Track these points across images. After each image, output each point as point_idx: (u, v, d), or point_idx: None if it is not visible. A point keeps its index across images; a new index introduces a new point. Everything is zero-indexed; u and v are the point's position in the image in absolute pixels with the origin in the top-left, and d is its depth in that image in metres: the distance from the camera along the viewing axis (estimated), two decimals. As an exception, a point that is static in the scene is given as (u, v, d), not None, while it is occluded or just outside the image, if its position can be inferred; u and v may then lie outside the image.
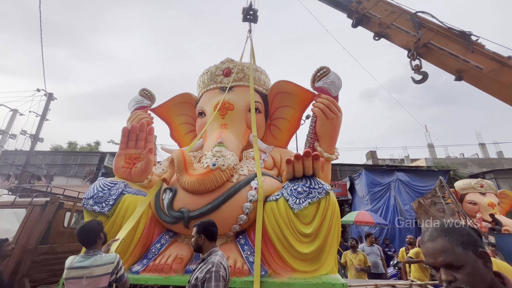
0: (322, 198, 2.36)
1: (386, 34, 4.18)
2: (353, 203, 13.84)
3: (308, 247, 2.32)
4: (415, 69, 3.99)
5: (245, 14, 5.55)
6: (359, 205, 13.34)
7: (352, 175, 13.99)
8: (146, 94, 4.19)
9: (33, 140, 13.63)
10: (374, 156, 19.53)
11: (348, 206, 14.33)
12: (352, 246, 5.01)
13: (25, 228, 2.75)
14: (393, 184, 12.63)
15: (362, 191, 13.27)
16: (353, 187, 13.92)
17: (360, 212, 10.42)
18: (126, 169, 2.93)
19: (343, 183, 14.54)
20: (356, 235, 12.84)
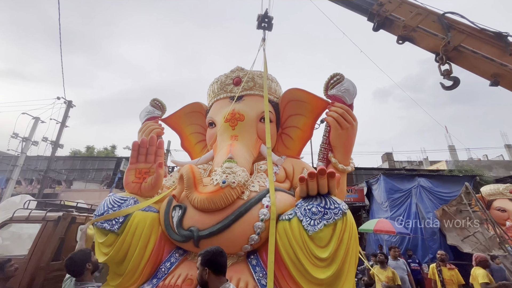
0: (339, 219, 2.22)
1: (411, 37, 3.95)
2: (370, 210, 13.37)
3: (324, 272, 2.18)
4: (445, 75, 3.74)
5: (260, 21, 5.48)
6: (378, 212, 12.85)
7: (370, 180, 13.53)
8: (157, 104, 4.21)
9: (54, 147, 14.23)
10: (390, 158, 18.85)
11: (366, 212, 13.87)
12: (380, 261, 4.69)
13: (38, 244, 2.80)
14: (414, 190, 12.10)
15: (380, 197, 12.79)
16: (371, 192, 13.45)
17: (380, 220, 9.99)
18: (136, 184, 2.91)
19: (360, 188, 14.09)
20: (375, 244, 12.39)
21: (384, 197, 12.41)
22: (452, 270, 4.75)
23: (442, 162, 17.42)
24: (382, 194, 12.56)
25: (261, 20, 5.53)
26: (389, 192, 12.15)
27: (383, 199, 12.54)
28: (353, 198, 13.93)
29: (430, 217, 10.91)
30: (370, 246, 12.82)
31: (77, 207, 3.69)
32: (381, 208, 12.71)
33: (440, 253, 5.00)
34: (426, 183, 11.92)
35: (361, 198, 13.85)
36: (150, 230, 2.62)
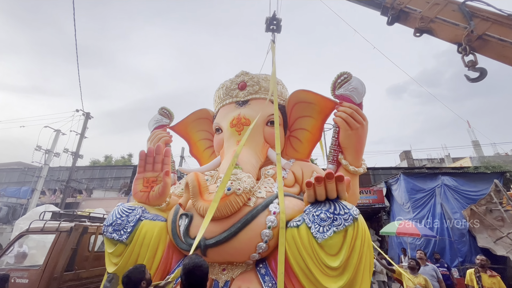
0: (349, 225, 2.11)
1: (429, 29, 3.77)
2: (391, 211, 12.87)
3: (336, 282, 2.08)
4: (470, 66, 3.53)
5: (268, 24, 5.47)
6: (399, 213, 12.35)
7: (389, 180, 13.05)
8: (165, 112, 4.27)
9: (74, 157, 14.88)
10: (409, 156, 18.03)
11: (386, 214, 13.36)
12: (411, 267, 4.45)
13: (52, 255, 2.89)
14: (438, 190, 11.56)
15: (401, 198, 12.31)
16: (391, 193, 12.96)
17: (403, 222, 9.57)
18: (144, 193, 2.95)
19: (379, 189, 13.62)
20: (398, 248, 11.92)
21: (405, 197, 11.94)
22: (493, 277, 4.39)
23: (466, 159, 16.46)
24: (403, 195, 12.09)
25: (269, 22, 5.51)
26: (411, 192, 11.68)
27: (404, 200, 12.07)
28: (371, 199, 13.49)
29: (457, 217, 10.37)
30: (392, 250, 12.33)
31: (90, 217, 3.80)
32: (402, 209, 12.23)
33: (480, 258, 4.64)
34: (450, 182, 11.35)
35: (380, 199, 13.37)
36: (158, 240, 2.63)
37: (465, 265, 9.56)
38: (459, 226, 10.35)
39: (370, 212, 14.09)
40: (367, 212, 14.19)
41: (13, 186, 17.79)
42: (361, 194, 13.85)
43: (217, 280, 2.53)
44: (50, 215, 3.56)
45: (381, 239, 13.49)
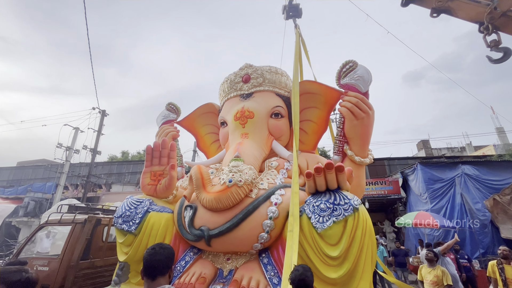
0: (349, 215, 2.11)
1: (448, 8, 3.56)
2: (408, 202, 12.57)
3: (337, 271, 2.10)
4: (492, 46, 3.33)
5: (288, 11, 5.38)
6: (416, 204, 12.05)
7: (405, 171, 12.69)
8: (172, 108, 4.37)
9: (93, 154, 15.53)
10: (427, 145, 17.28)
11: (402, 205, 13.06)
12: (429, 259, 4.34)
13: (68, 245, 3.10)
14: (458, 179, 11.13)
15: (418, 188, 11.97)
16: (407, 183, 12.62)
17: (420, 212, 9.35)
18: (151, 186, 3.07)
19: (394, 180, 13.29)
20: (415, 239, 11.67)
21: (423, 188, 11.61)
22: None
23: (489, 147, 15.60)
24: (420, 185, 11.76)
25: (288, 10, 5.40)
26: (428, 183, 11.33)
27: (421, 190, 11.74)
28: (387, 190, 13.20)
29: (479, 207, 9.99)
30: (409, 241, 12.11)
31: (103, 209, 4.02)
32: (419, 200, 11.91)
33: (502, 249, 4.46)
34: (471, 171, 10.89)
35: (396, 190, 13.07)
36: (165, 230, 2.75)
37: (486, 256, 9.24)
38: (481, 216, 9.97)
39: (386, 203, 13.82)
40: (382, 203, 13.93)
41: (39, 182, 18.93)
42: (376, 185, 13.59)
43: (222, 269, 2.63)
44: (67, 208, 3.81)
45: (397, 230, 13.25)
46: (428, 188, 11.20)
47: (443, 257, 4.81)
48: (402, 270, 8.27)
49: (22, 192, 16.91)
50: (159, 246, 1.50)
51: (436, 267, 4.18)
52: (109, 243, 3.58)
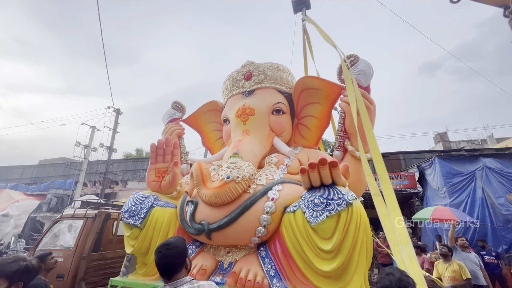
0: (343, 210, 2.16)
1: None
2: (425, 196, 12.26)
3: (329, 265, 2.16)
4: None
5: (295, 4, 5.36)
6: (434, 199, 11.74)
7: (422, 164, 12.34)
8: (177, 106, 4.52)
9: (109, 151, 16.18)
10: (444, 138, 16.54)
11: (419, 199, 12.73)
12: (443, 255, 4.27)
13: (81, 238, 3.35)
14: (479, 173, 10.74)
15: (436, 182, 11.64)
16: (424, 177, 12.28)
17: (438, 207, 9.11)
18: (156, 183, 3.23)
19: (410, 174, 12.97)
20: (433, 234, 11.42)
21: (441, 182, 11.29)
22: None
23: (512, 139, 14.77)
24: (438, 179, 11.44)
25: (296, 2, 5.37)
26: (447, 177, 10.99)
27: (439, 185, 11.42)
28: (402, 185, 12.91)
29: (502, 202, 9.61)
30: (426, 237, 11.85)
31: (113, 205, 4.27)
32: (437, 194, 11.60)
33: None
34: (494, 164, 10.46)
35: (412, 185, 12.75)
36: (168, 224, 2.90)
37: (510, 252, 8.92)
38: (504, 211, 9.59)
39: (401, 198, 13.53)
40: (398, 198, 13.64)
41: (60, 179, 20.03)
42: (391, 179, 13.30)
43: (222, 261, 2.76)
44: (80, 204, 4.10)
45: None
46: (446, 182, 10.87)
47: (463, 251, 4.65)
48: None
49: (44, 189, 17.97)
50: (165, 247, 1.50)
51: (452, 262, 4.07)
52: (119, 236, 3.81)
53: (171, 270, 1.44)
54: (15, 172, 23.78)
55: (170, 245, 1.51)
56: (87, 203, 4.08)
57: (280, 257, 2.50)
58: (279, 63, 4.04)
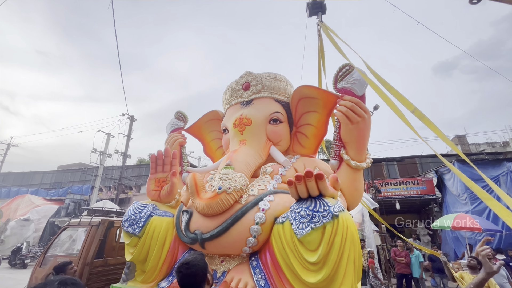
0: (328, 222, 2.21)
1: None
2: (444, 203, 11.83)
3: (315, 276, 2.21)
4: None
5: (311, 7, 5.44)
6: (454, 205, 11.32)
7: (440, 169, 11.94)
8: (180, 116, 4.72)
9: (124, 157, 16.80)
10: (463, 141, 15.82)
11: (438, 205, 12.29)
12: (471, 267, 4.00)
13: (85, 245, 3.59)
14: (503, 178, 10.33)
15: (456, 188, 11.25)
16: (442, 183, 11.86)
17: (459, 215, 8.82)
18: (156, 192, 3.41)
19: (428, 179, 12.57)
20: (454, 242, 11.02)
21: (461, 188, 10.91)
22: None
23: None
24: (458, 185, 11.06)
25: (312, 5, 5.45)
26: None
27: (460, 191, 11.03)
28: (420, 190, 12.53)
29: (529, 209, 9.12)
30: (447, 245, 11.43)
31: (117, 212, 4.50)
32: (458, 200, 11.19)
33: None
34: (519, 168, 9.97)
35: (430, 190, 12.35)
36: (165, 233, 3.05)
37: (539, 265, 8.41)
38: (531, 219, 9.09)
39: (418, 204, 13.11)
40: (415, 204, 13.24)
41: (77, 184, 21.05)
42: (407, 184, 12.94)
43: (216, 270, 2.86)
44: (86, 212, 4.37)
45: (432, 233, 12.51)
46: (467, 188, 10.42)
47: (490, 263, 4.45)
48: (441, 277, 7.85)
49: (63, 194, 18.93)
50: (185, 267, 1.51)
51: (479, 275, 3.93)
52: (121, 243, 4.02)
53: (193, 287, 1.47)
54: (35, 177, 25.23)
55: (190, 263, 1.53)
56: (93, 211, 4.35)
57: (270, 267, 2.57)
58: (277, 73, 4.14)
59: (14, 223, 14.30)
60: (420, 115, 2.78)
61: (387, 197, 12.73)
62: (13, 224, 14.17)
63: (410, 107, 2.87)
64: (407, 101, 2.92)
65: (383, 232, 10.69)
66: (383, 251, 10.00)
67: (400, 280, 7.71)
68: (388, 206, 12.24)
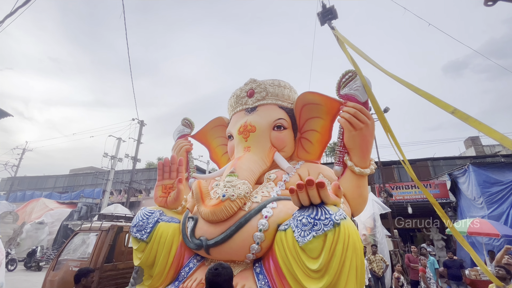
0: (329, 230, 2.25)
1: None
2: (458, 207, 11.54)
3: (317, 284, 2.25)
4: None
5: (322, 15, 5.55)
6: (469, 210, 11.04)
7: (454, 172, 11.66)
8: (187, 123, 4.86)
9: (134, 161, 17.17)
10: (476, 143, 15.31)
11: (452, 210, 11.99)
12: (501, 277, 3.85)
13: (96, 249, 3.75)
14: (521, 181, 9.98)
15: (472, 192, 10.97)
16: (457, 186, 11.58)
17: (475, 220, 8.63)
18: (163, 198, 3.53)
19: (441, 182, 12.30)
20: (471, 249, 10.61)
21: (477, 191, 10.64)
22: None
23: None
24: (473, 188, 10.78)
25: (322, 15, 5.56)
26: (484, 186, 10.34)
27: (475, 194, 10.76)
28: (433, 194, 12.24)
29: (550, 214, 8.83)
30: (462, 251, 11.14)
31: (126, 217, 4.66)
32: (473, 205, 10.91)
33: None
34: (537, 171, 9.67)
35: (444, 194, 12.07)
36: (172, 239, 3.16)
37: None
38: (551, 224, 8.81)
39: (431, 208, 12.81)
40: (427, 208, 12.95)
41: (88, 187, 21.66)
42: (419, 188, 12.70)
43: (221, 276, 2.93)
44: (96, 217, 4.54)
45: (446, 238, 12.20)
46: (483, 192, 10.22)
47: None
48: (458, 284, 7.63)
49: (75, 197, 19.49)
50: (221, 266, 1.64)
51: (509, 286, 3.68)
52: (130, 248, 4.15)
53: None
54: (49, 181, 26.11)
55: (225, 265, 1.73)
56: (103, 216, 4.53)
57: (273, 274, 2.63)
58: (281, 79, 4.22)
59: (29, 226, 14.85)
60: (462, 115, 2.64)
61: (398, 201, 12.52)
62: (28, 227, 14.71)
63: (449, 109, 2.78)
64: (445, 103, 2.83)
65: (396, 237, 10.51)
66: (395, 256, 9.82)
67: (414, 287, 7.57)
68: (400, 210, 12.03)
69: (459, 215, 11.37)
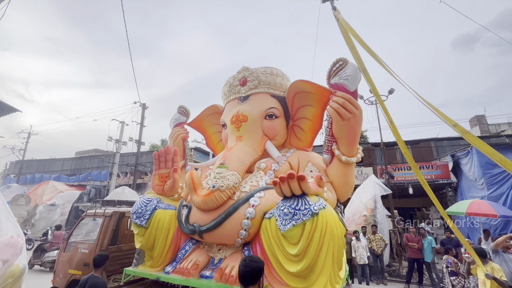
0: (308, 220, 2.46)
1: None
2: (459, 187, 11.71)
3: (296, 266, 2.52)
4: None
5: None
6: (469, 190, 11.22)
7: (457, 154, 11.70)
8: (183, 111, 5.01)
9: (138, 144, 17.56)
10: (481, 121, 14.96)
11: (452, 190, 12.17)
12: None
13: (101, 233, 4.10)
14: (525, 162, 9.93)
15: (473, 173, 11.09)
16: (459, 167, 11.67)
17: (475, 201, 8.82)
18: (160, 187, 3.78)
19: (443, 164, 12.40)
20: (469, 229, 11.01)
21: (478, 172, 10.76)
22: None
23: None
24: (475, 170, 10.90)
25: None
26: (486, 167, 10.43)
27: (477, 175, 10.89)
28: (434, 175, 12.41)
29: (550, 195, 8.96)
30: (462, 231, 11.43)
31: (127, 202, 5.01)
32: (474, 185, 11.07)
33: None
34: (541, 152, 9.66)
35: (445, 175, 12.21)
36: (169, 224, 3.44)
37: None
38: (550, 205, 8.96)
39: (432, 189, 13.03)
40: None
41: (95, 170, 22.43)
42: (421, 169, 12.83)
43: (214, 257, 3.26)
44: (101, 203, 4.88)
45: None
46: (485, 173, 10.32)
47: (504, 253, 4.43)
48: None
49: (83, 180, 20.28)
50: (250, 259, 1.76)
51: (488, 264, 3.97)
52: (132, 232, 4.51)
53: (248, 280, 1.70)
54: (56, 164, 27.00)
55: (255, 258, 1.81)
56: (106, 203, 4.87)
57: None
58: (273, 67, 4.27)
59: (42, 208, 15.69)
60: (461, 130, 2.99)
61: (400, 181, 12.72)
62: (41, 209, 15.56)
63: (451, 122, 3.08)
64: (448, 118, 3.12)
65: (396, 216, 10.82)
66: (394, 235, 10.20)
67: (411, 264, 7.96)
68: (401, 190, 12.26)
69: (459, 195, 11.56)
